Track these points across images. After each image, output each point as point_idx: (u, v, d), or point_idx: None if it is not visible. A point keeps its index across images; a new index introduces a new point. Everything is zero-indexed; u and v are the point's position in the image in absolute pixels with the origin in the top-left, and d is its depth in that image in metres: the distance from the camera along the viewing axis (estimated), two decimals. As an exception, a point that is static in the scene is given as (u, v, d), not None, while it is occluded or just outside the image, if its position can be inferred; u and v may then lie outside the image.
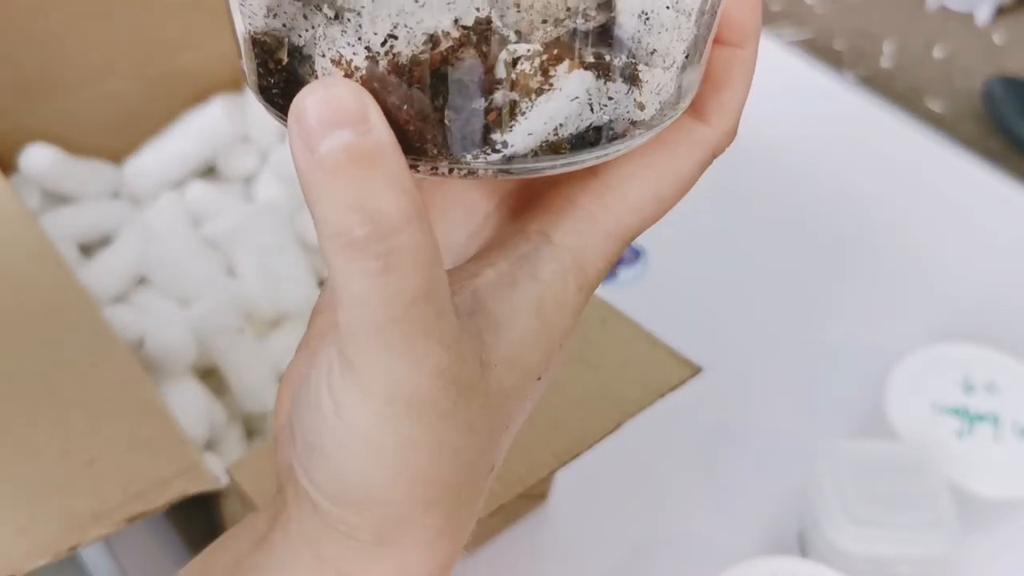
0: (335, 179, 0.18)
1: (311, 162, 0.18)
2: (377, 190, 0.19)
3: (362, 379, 0.20)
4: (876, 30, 1.96)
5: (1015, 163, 1.66)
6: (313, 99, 0.18)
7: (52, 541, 0.35)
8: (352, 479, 0.21)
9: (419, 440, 0.21)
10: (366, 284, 0.19)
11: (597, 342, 0.45)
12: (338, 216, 0.19)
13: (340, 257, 0.19)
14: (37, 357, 0.42)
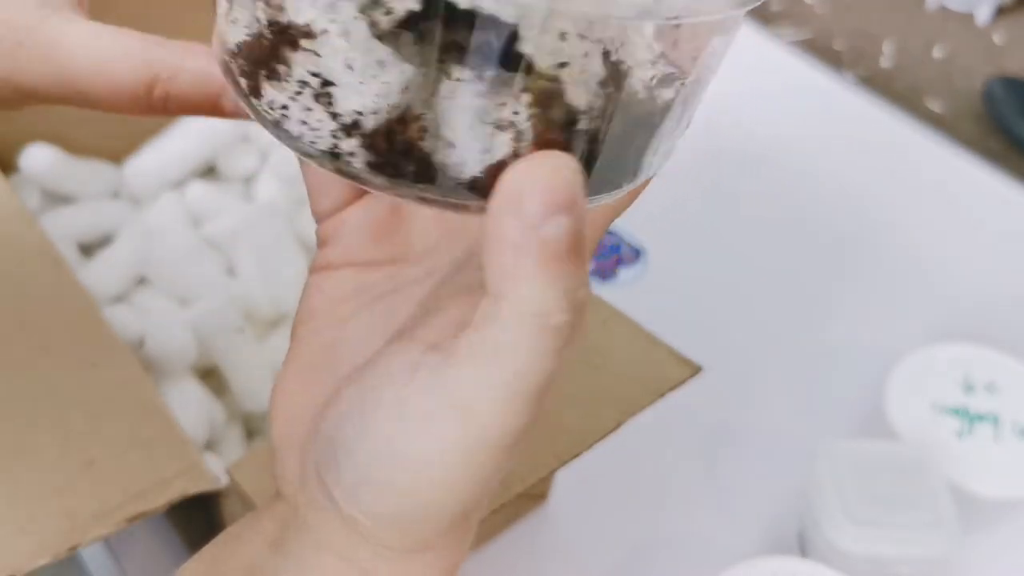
0: (555, 264, 0.19)
1: (531, 241, 0.19)
2: (585, 279, 0.20)
3: (477, 421, 0.21)
4: (876, 30, 1.96)
5: (1015, 163, 1.66)
6: (538, 176, 0.18)
7: (52, 541, 0.35)
8: (414, 507, 0.22)
9: (494, 472, 0.22)
10: (546, 362, 0.20)
11: (597, 342, 0.45)
12: (549, 301, 0.19)
13: (535, 336, 0.20)
14: (37, 357, 0.42)
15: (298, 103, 0.20)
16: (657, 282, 0.69)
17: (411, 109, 0.19)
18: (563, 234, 0.18)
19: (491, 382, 0.20)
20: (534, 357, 0.20)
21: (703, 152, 0.80)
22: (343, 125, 0.20)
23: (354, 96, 0.19)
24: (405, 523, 0.23)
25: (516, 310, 0.19)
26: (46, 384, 0.41)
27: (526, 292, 0.19)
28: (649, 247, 0.72)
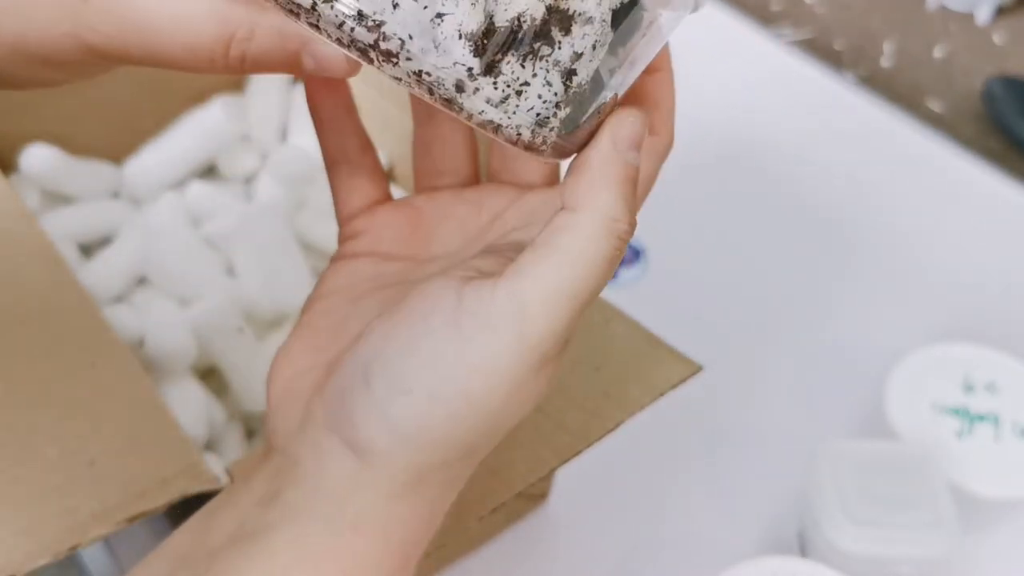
0: (628, 182, 0.25)
1: (616, 157, 0.25)
2: (633, 211, 0.25)
3: (524, 326, 0.24)
4: (876, 30, 1.96)
5: (1015, 163, 1.66)
6: (633, 121, 0.25)
7: (52, 541, 0.35)
8: (442, 415, 0.24)
9: (525, 388, 0.25)
10: (603, 265, 0.24)
11: (598, 342, 0.45)
12: (621, 209, 0.25)
13: (605, 237, 0.24)
14: (37, 357, 0.42)
15: (539, 78, 0.23)
16: (657, 282, 0.69)
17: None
18: (636, 163, 0.25)
19: (552, 284, 0.24)
20: (596, 261, 0.24)
21: (703, 152, 0.80)
22: (568, 97, 0.24)
23: (584, 70, 0.24)
24: (423, 441, 0.24)
25: (595, 214, 0.24)
26: (46, 384, 0.41)
27: (605, 198, 0.24)
28: (649, 247, 0.72)
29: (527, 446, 0.41)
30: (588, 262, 0.24)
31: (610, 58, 0.24)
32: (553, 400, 0.43)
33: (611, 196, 0.24)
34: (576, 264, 0.24)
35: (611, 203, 0.24)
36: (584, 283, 0.24)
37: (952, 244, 0.73)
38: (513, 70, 0.23)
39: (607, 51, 0.24)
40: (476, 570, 0.54)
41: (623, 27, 0.24)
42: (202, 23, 0.25)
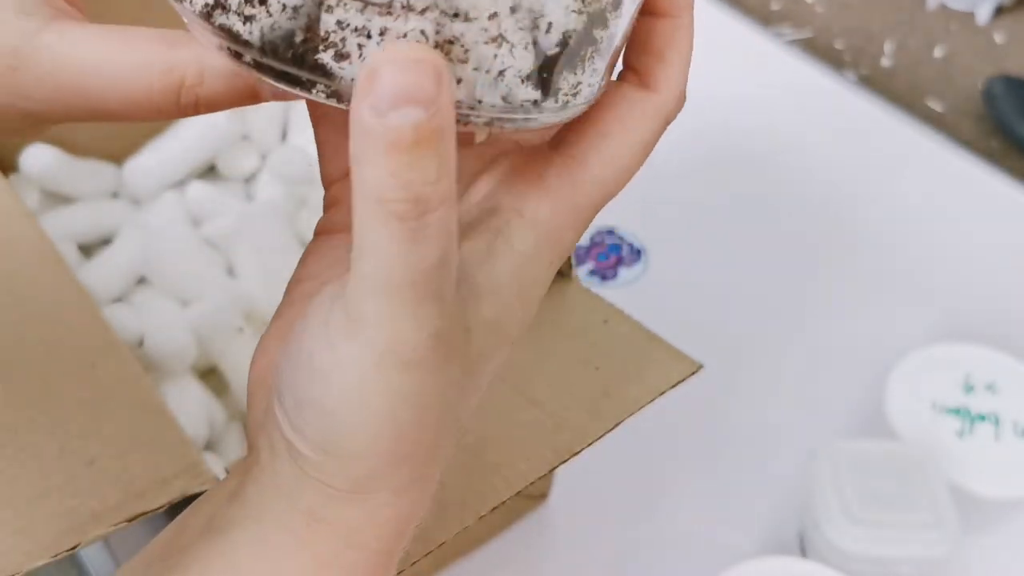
0: (394, 151, 0.19)
1: (374, 126, 0.19)
2: (428, 170, 0.20)
3: (366, 332, 0.21)
4: (876, 29, 1.96)
5: (1015, 163, 1.66)
6: (392, 66, 0.19)
7: (52, 541, 0.35)
8: (339, 430, 0.22)
9: (407, 394, 0.22)
10: (393, 248, 0.20)
11: (598, 341, 0.45)
12: (387, 185, 0.20)
13: (375, 220, 0.20)
14: (37, 357, 0.42)
15: (587, 73, 0.23)
16: (657, 282, 0.69)
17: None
18: (407, 125, 0.19)
19: (365, 282, 0.21)
20: (383, 244, 0.20)
21: (703, 152, 0.80)
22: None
23: (620, 40, 0.23)
24: (341, 454, 0.23)
25: (360, 196, 0.20)
26: (46, 384, 0.41)
27: (367, 175, 0.20)
28: (649, 247, 0.72)
29: (527, 445, 0.41)
30: (377, 247, 0.20)
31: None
32: (553, 399, 0.43)
33: (372, 171, 0.19)
34: (373, 254, 0.20)
35: (373, 179, 0.20)
36: (392, 272, 0.20)
37: (952, 244, 0.73)
38: (568, 80, 0.22)
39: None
40: (476, 570, 0.54)
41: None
42: (145, 76, 0.23)
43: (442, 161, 0.20)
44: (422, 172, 0.19)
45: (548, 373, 0.44)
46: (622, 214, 0.74)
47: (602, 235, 0.73)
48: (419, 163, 0.19)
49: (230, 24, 0.21)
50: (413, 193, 0.20)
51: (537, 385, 0.43)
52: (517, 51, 0.21)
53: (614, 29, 0.23)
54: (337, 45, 0.20)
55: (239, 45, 0.21)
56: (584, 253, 0.71)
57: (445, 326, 0.22)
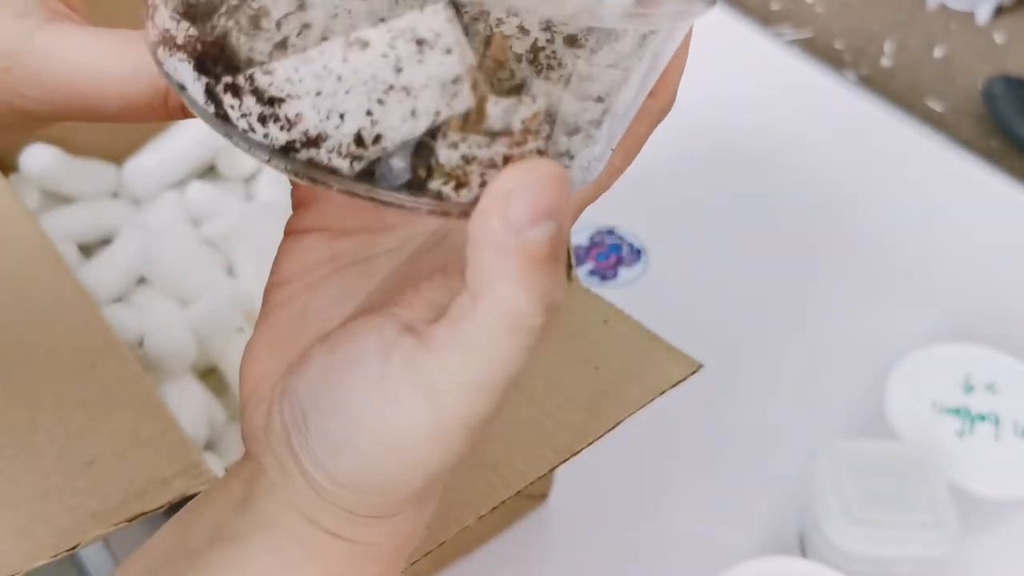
0: (534, 268, 0.19)
1: (513, 244, 0.19)
2: (560, 283, 0.20)
3: (442, 402, 0.22)
4: (876, 29, 1.96)
5: (1015, 163, 1.66)
6: (528, 187, 0.19)
7: (52, 541, 0.35)
8: (379, 478, 0.23)
9: (461, 452, 0.23)
10: (517, 358, 0.21)
11: (598, 341, 0.45)
12: (526, 303, 0.20)
13: (508, 335, 0.20)
14: (37, 357, 0.42)
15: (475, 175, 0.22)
16: (657, 282, 0.69)
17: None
18: (545, 239, 0.19)
19: (462, 375, 0.21)
20: (505, 355, 0.21)
21: (703, 152, 0.80)
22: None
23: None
24: (368, 492, 0.23)
25: (493, 310, 0.20)
26: (46, 384, 0.41)
27: (504, 293, 0.20)
28: (649, 247, 0.72)
29: (527, 445, 0.41)
30: (497, 355, 0.21)
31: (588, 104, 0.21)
32: (553, 399, 0.43)
33: (511, 289, 0.20)
34: (480, 359, 0.21)
35: (510, 297, 0.20)
36: (498, 374, 0.21)
37: (952, 244, 0.73)
38: (451, 168, 0.21)
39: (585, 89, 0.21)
40: (476, 570, 0.54)
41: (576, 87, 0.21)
42: (135, 78, 0.23)
43: (562, 269, 0.20)
44: (556, 280, 0.20)
45: (548, 373, 0.44)
46: (622, 214, 0.74)
47: (602, 235, 0.73)
48: (555, 273, 0.20)
49: (325, 160, 0.20)
50: (549, 306, 0.20)
51: (537, 385, 0.43)
52: (592, 144, 0.22)
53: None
54: (458, 177, 0.20)
55: (329, 176, 0.20)
56: (584, 253, 0.71)
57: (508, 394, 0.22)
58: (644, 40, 0.21)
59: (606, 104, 0.21)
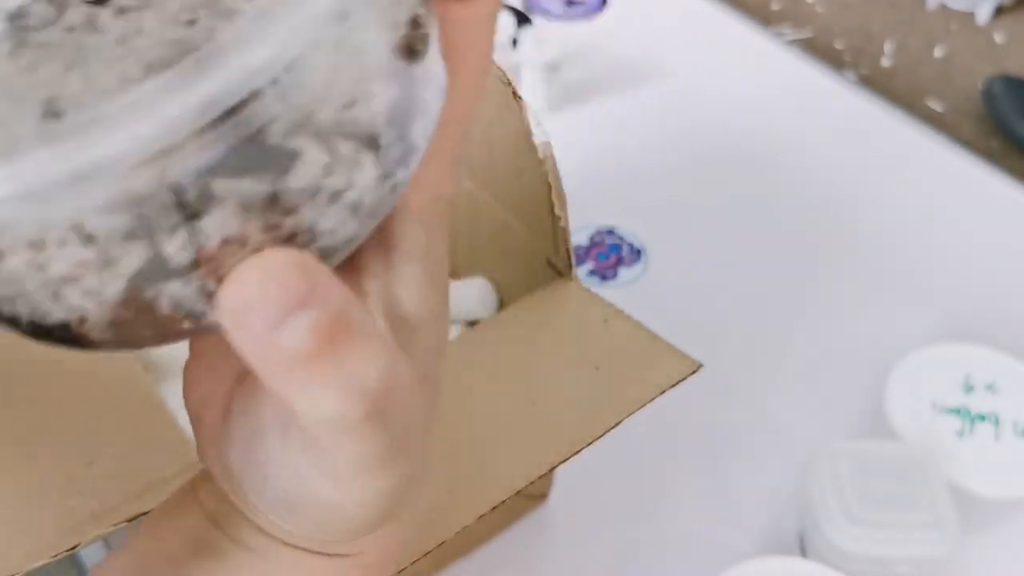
0: (315, 367, 0.17)
1: (272, 359, 0.16)
2: (362, 360, 0.17)
3: (340, 481, 0.20)
4: (876, 29, 1.96)
5: (1015, 163, 1.66)
6: (250, 286, 0.16)
7: (52, 541, 0.35)
8: (322, 531, 0.22)
9: (395, 489, 0.21)
10: (368, 445, 0.19)
11: (597, 340, 0.45)
12: (331, 405, 0.17)
13: (341, 437, 0.18)
14: (37, 357, 0.42)
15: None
16: (657, 282, 0.69)
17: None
18: (307, 333, 0.16)
19: (344, 468, 0.20)
20: (356, 453, 0.19)
21: (703, 152, 0.80)
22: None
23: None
24: (315, 537, 0.22)
25: (310, 421, 0.18)
26: (46, 384, 0.41)
27: (302, 408, 0.17)
28: (649, 247, 0.72)
29: (527, 444, 0.41)
30: (349, 457, 0.19)
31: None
32: (552, 398, 0.43)
33: (304, 402, 0.17)
34: (339, 460, 0.20)
35: (310, 409, 0.18)
36: (367, 465, 0.20)
37: (952, 244, 0.73)
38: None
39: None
40: (476, 570, 0.54)
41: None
42: None
43: (368, 337, 0.17)
44: (356, 366, 0.17)
45: (548, 372, 0.44)
46: (622, 214, 0.74)
47: (602, 235, 0.73)
48: (347, 359, 0.17)
49: (88, 335, 0.18)
50: (362, 393, 0.17)
51: (537, 384, 0.43)
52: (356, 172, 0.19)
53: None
54: (190, 310, 0.17)
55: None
56: (584, 253, 0.71)
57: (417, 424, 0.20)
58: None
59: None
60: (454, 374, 0.44)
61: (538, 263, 0.52)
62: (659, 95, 0.85)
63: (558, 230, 0.47)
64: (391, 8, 0.18)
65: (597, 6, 0.94)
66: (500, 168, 0.51)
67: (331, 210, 0.17)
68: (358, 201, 0.18)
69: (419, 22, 0.18)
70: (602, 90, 0.85)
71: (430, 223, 0.21)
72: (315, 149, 0.17)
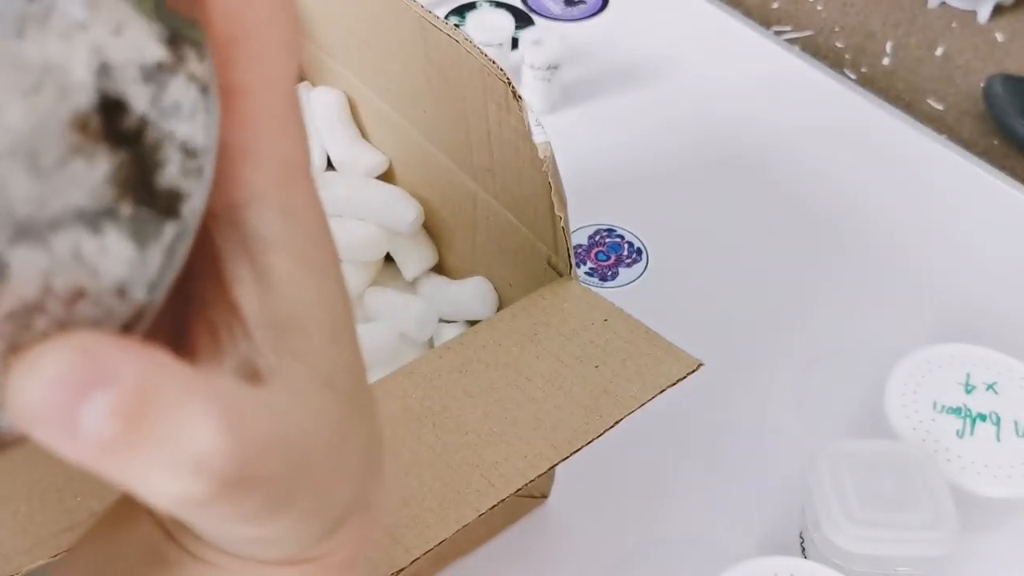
0: (131, 451, 0.15)
1: (87, 450, 0.15)
2: (186, 429, 0.15)
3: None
4: (877, 28, 1.96)
5: (1015, 163, 1.66)
6: (32, 383, 0.15)
7: (52, 541, 0.35)
8: (281, 555, 0.21)
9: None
10: (224, 513, 0.17)
11: (598, 340, 0.45)
12: (165, 486, 0.16)
13: (193, 512, 0.17)
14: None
15: None
16: (657, 282, 0.69)
17: None
18: (104, 420, 0.15)
19: (220, 532, 0.19)
20: (221, 513, 0.17)
21: (703, 151, 0.80)
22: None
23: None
24: (265, 557, 0.22)
25: (156, 505, 0.17)
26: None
27: (142, 493, 0.16)
28: (649, 247, 0.72)
29: (527, 443, 0.41)
30: (220, 538, 0.19)
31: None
32: (553, 397, 0.43)
33: (144, 487, 0.16)
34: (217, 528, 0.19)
35: (149, 492, 0.16)
36: (247, 542, 0.19)
37: (952, 244, 0.73)
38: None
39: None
40: (476, 570, 0.54)
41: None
42: None
43: (189, 397, 0.16)
44: (181, 438, 0.15)
45: (548, 371, 0.44)
46: (622, 214, 0.74)
47: (602, 235, 0.73)
48: (168, 433, 0.15)
49: None
50: (196, 466, 0.16)
51: (537, 383, 0.43)
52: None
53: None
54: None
55: None
56: (584, 253, 0.71)
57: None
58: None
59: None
60: (454, 374, 0.44)
61: (538, 263, 0.52)
62: (659, 95, 0.85)
63: (558, 230, 0.47)
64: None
65: (597, 6, 0.94)
66: (500, 168, 0.51)
67: (105, 296, 0.16)
68: (126, 279, 0.16)
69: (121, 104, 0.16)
70: (602, 90, 0.85)
71: (288, 199, 0.19)
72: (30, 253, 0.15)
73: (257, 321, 0.19)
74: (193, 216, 0.17)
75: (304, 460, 0.18)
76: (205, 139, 0.17)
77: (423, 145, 0.60)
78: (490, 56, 0.47)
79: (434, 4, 0.92)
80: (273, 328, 0.19)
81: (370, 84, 0.62)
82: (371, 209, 0.62)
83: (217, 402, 0.16)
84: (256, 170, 0.19)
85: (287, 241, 0.19)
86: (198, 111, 0.17)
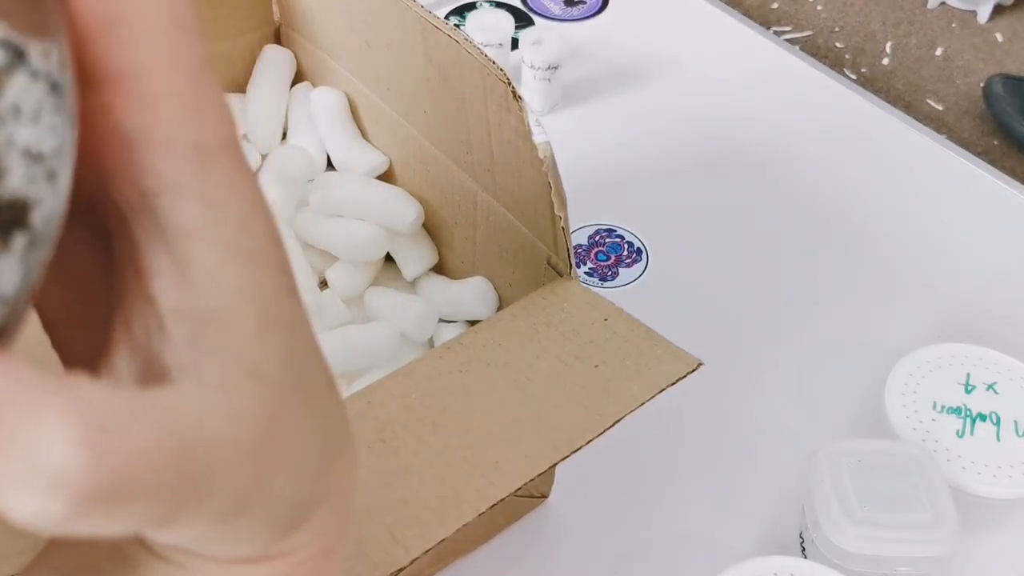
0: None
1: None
2: (37, 439, 0.15)
3: None
4: (877, 28, 1.96)
5: (1015, 163, 1.66)
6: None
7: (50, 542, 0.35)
8: (235, 553, 0.21)
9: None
10: (119, 528, 0.17)
11: (598, 339, 0.45)
12: (24, 505, 0.15)
13: (64, 530, 0.16)
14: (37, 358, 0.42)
15: None
16: (657, 282, 0.69)
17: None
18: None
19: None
20: (113, 528, 0.17)
21: (703, 151, 0.80)
22: None
23: None
24: (227, 555, 0.21)
25: (17, 524, 0.16)
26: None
27: (5, 511, 0.15)
28: (649, 247, 0.72)
29: (526, 443, 0.41)
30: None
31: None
32: (553, 396, 0.43)
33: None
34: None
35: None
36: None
37: (952, 243, 0.73)
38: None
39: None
40: (476, 569, 0.54)
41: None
42: None
43: (45, 419, 0.15)
44: (26, 448, 0.15)
45: (548, 370, 0.44)
46: (622, 214, 0.74)
47: (602, 235, 0.73)
48: (12, 450, 0.15)
49: None
50: (47, 476, 0.15)
51: (537, 382, 0.43)
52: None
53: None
54: None
55: None
56: (584, 253, 0.71)
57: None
58: None
59: None
60: (454, 374, 0.44)
61: (538, 263, 0.52)
62: (659, 95, 0.85)
63: (558, 230, 0.47)
64: None
65: (597, 6, 0.94)
66: (500, 168, 0.51)
67: None
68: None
69: None
70: (602, 90, 0.85)
71: (207, 184, 0.18)
72: None
73: (173, 315, 0.18)
74: (47, 223, 0.16)
75: (215, 459, 0.17)
76: (55, 140, 0.16)
77: (423, 145, 0.60)
78: (490, 56, 0.47)
79: (434, 4, 0.92)
80: (191, 322, 0.18)
81: (370, 84, 0.62)
82: (371, 209, 0.62)
83: (79, 414, 0.15)
84: (165, 157, 0.18)
85: (208, 229, 0.18)
86: (44, 111, 0.16)
